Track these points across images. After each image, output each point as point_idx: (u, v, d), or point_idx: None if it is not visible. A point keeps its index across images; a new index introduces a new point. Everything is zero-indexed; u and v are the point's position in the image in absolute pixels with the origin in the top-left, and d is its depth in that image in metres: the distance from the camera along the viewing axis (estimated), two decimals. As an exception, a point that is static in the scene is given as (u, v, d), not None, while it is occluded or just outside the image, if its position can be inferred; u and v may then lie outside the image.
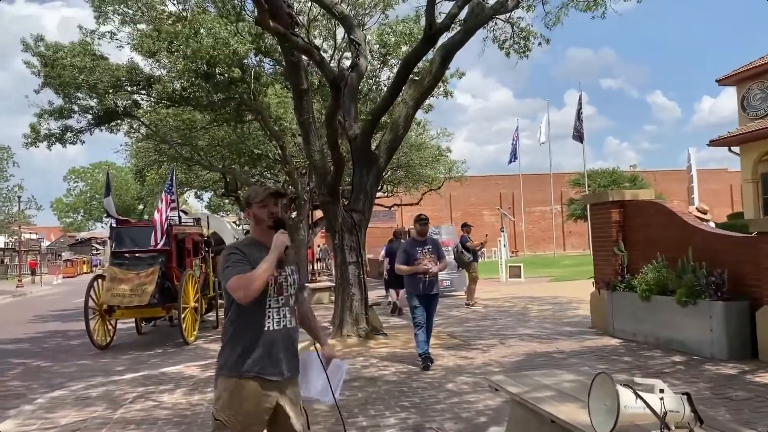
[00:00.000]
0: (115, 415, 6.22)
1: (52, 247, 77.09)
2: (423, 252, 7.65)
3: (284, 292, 3.12)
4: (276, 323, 3.05)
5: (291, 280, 3.16)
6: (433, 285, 7.69)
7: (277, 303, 3.08)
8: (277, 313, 3.07)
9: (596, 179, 41.60)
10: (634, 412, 3.17)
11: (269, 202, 3.14)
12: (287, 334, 3.09)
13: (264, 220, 3.13)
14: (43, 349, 11.91)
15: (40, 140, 17.16)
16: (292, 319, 3.13)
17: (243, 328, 3.05)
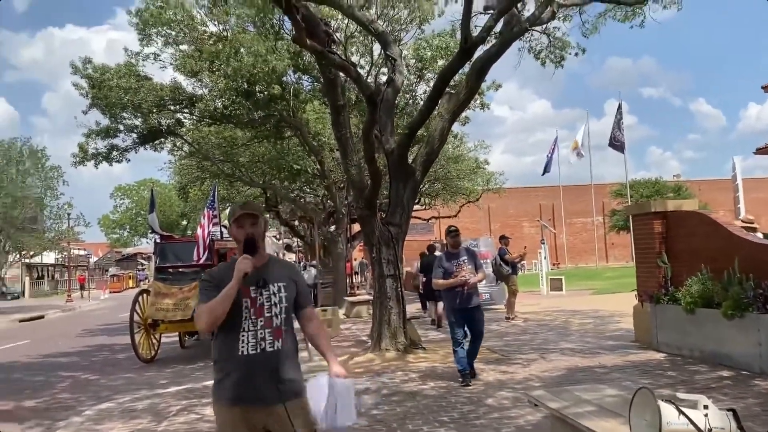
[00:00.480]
0: (159, 428, 6.35)
1: (100, 263, 79.20)
2: (458, 264, 7.49)
3: (265, 312, 2.91)
4: (252, 347, 2.85)
5: (277, 299, 2.95)
6: (470, 298, 7.45)
7: (254, 325, 2.88)
8: (253, 336, 2.87)
9: (639, 189, 40.82)
10: (677, 429, 3.12)
11: (244, 222, 2.97)
12: (269, 358, 2.87)
13: (239, 240, 2.97)
14: (91, 363, 12.25)
15: (88, 159, 17.77)
16: (276, 342, 2.90)
17: (221, 352, 2.91)
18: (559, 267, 45.58)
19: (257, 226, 2.99)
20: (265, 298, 2.92)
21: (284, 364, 2.92)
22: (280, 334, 2.92)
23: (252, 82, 15.62)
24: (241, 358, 2.84)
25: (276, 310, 2.92)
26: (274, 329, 2.90)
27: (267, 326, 2.89)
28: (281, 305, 2.95)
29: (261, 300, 2.91)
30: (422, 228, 39.52)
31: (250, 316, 2.87)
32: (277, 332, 2.91)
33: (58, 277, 58.48)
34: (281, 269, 3.08)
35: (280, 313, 2.94)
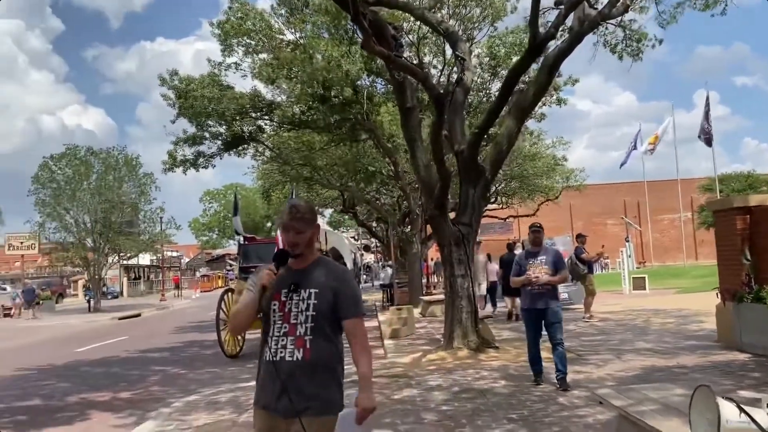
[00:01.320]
0: (240, 419, 6.72)
1: (191, 264, 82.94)
2: (534, 263, 7.20)
3: (291, 319, 2.76)
4: (272, 354, 2.73)
5: (305, 306, 2.77)
6: (540, 298, 7.13)
7: (278, 331, 2.76)
8: (275, 343, 2.75)
9: (729, 184, 38.78)
10: (738, 428, 3.09)
11: (290, 229, 2.82)
12: (284, 369, 2.70)
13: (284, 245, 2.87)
14: (181, 358, 12.98)
15: (177, 166, 18.77)
16: (297, 351, 2.72)
17: (259, 352, 2.89)
18: (645, 265, 43.89)
19: (303, 235, 2.82)
20: (293, 304, 2.77)
21: (305, 377, 2.71)
22: (302, 344, 2.72)
23: (327, 86, 16.04)
24: (266, 364, 2.78)
25: (302, 317, 2.74)
26: (297, 338, 2.73)
27: (290, 334, 2.73)
28: (308, 313, 2.75)
29: (289, 305, 2.77)
30: (500, 227, 39.11)
31: (277, 320, 2.77)
32: (299, 342, 2.72)
33: (152, 277, 61.80)
34: (322, 274, 2.85)
35: (306, 322, 2.74)
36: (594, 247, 16.10)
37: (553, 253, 7.48)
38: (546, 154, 25.16)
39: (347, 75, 15.52)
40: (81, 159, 32.94)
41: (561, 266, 7.28)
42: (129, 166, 34.02)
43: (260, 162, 25.92)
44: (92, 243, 33.14)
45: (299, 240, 2.81)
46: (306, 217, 2.83)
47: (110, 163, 33.43)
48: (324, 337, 2.76)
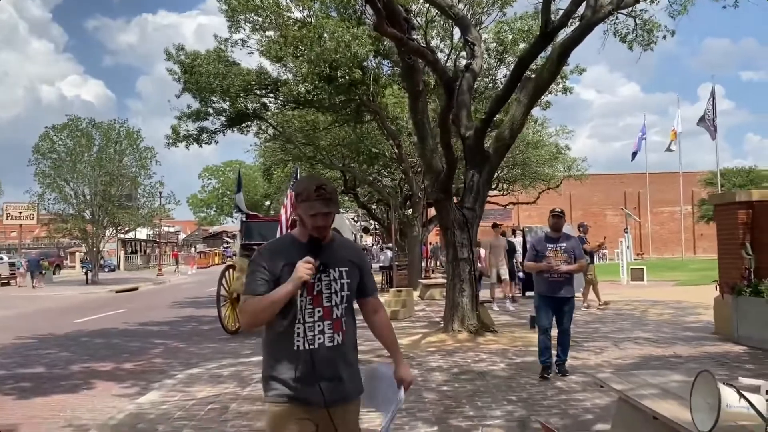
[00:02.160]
0: (243, 393, 6.84)
1: (188, 240, 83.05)
2: (554, 249, 6.91)
3: (324, 302, 2.55)
4: (309, 342, 2.50)
5: (338, 286, 2.58)
6: (560, 286, 6.88)
7: (311, 316, 2.52)
8: (311, 329, 2.51)
9: (731, 178, 38.91)
10: (737, 412, 3.17)
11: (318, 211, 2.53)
12: (329, 356, 2.52)
13: (308, 225, 2.57)
14: (180, 332, 13.09)
15: (180, 140, 18.81)
16: (337, 336, 2.55)
17: (274, 344, 2.57)
18: (643, 257, 44.11)
19: (331, 216, 2.57)
20: (324, 285, 2.54)
21: (344, 361, 2.58)
22: (340, 327, 2.57)
23: (334, 67, 16.02)
24: (297, 354, 2.50)
25: (336, 299, 2.56)
26: (334, 321, 2.55)
27: (326, 317, 2.53)
28: (343, 293, 2.59)
29: (319, 287, 2.53)
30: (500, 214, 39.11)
31: (306, 305, 2.51)
32: (336, 324, 2.56)
33: (149, 252, 61.95)
34: (345, 252, 2.68)
35: (341, 303, 2.58)
36: (595, 237, 16.19)
37: (572, 240, 7.25)
38: (549, 143, 25.20)
39: (356, 56, 15.50)
40: (82, 131, 32.87)
41: (580, 254, 7.08)
42: (130, 139, 33.96)
43: (263, 140, 25.96)
44: (91, 215, 33.17)
45: (328, 223, 2.57)
46: (334, 197, 2.56)
47: (111, 136, 33.37)
48: (352, 316, 2.65)
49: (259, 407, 6.10)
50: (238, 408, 6.12)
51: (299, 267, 2.43)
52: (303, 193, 2.56)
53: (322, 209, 2.52)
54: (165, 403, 6.42)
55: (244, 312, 2.51)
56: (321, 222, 2.53)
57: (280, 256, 2.54)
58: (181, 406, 6.27)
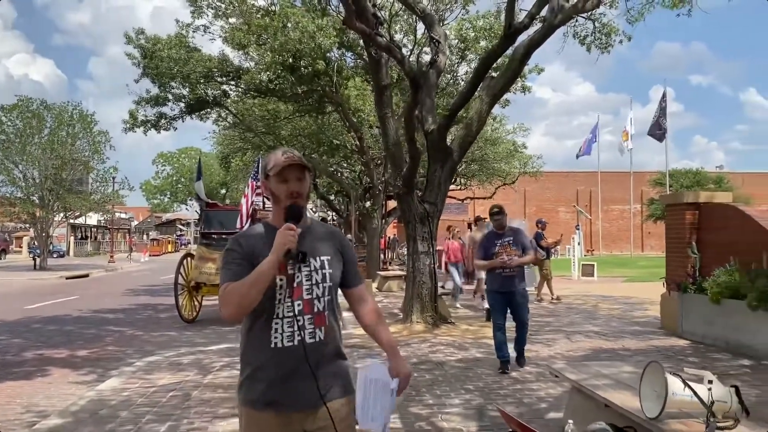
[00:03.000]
0: (205, 380, 6.87)
1: (140, 227, 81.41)
2: (502, 245, 6.93)
3: (304, 294, 2.30)
4: (287, 338, 2.26)
5: (320, 277, 2.34)
6: (513, 280, 6.93)
7: (290, 310, 2.27)
8: (289, 324, 2.26)
9: (679, 179, 40.21)
10: (682, 400, 3.42)
11: (289, 175, 2.31)
12: (309, 351, 2.25)
13: (281, 200, 2.33)
14: (136, 320, 12.94)
15: (138, 126, 18.45)
16: (318, 331, 2.30)
17: (250, 343, 2.33)
18: (593, 254, 45.31)
19: (304, 183, 2.34)
20: (304, 276, 2.30)
21: (328, 357, 2.35)
22: (323, 321, 2.32)
23: (298, 57, 15.97)
24: (275, 351, 2.26)
25: (318, 290, 2.32)
26: (316, 315, 2.30)
27: (306, 311, 2.29)
28: (325, 284, 2.34)
29: (300, 277, 2.29)
30: (457, 208, 39.67)
31: (285, 298, 2.27)
32: (319, 319, 2.31)
33: (100, 238, 60.47)
34: (326, 238, 2.44)
35: (324, 295, 2.33)
36: (551, 234, 16.63)
37: (518, 232, 7.25)
38: (507, 140, 25.65)
39: (320, 47, 15.51)
40: (33, 112, 31.81)
41: (528, 245, 7.15)
42: (84, 122, 33.02)
43: (222, 127, 25.66)
44: (40, 199, 32.20)
45: (303, 189, 2.33)
46: (304, 161, 2.34)
47: (64, 119, 32.40)
48: (335, 309, 2.40)
49: (222, 394, 6.17)
50: (201, 395, 6.16)
51: (280, 233, 2.19)
52: (270, 163, 2.35)
53: (294, 173, 2.31)
54: (126, 390, 6.41)
55: (228, 298, 2.19)
56: (295, 187, 2.31)
57: (257, 243, 2.29)
58: (142, 393, 6.27)
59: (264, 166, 2.39)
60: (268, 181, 2.37)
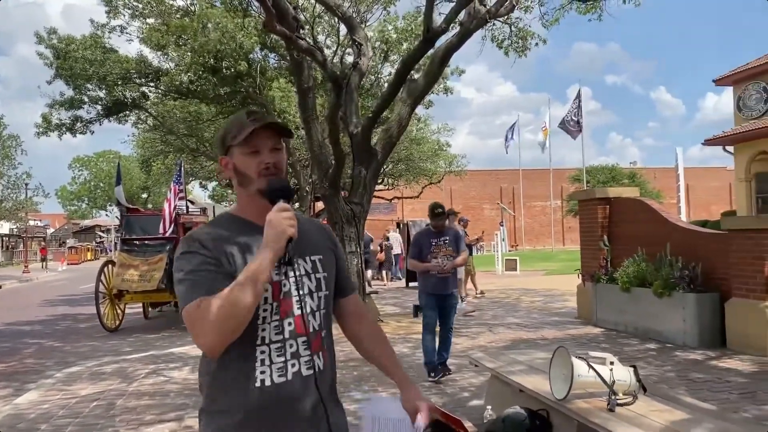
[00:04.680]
0: (129, 388, 6.75)
1: (56, 234, 77.81)
2: (438, 245, 6.62)
3: (294, 308, 1.68)
4: (278, 372, 1.64)
5: (313, 284, 1.73)
6: (447, 283, 6.69)
7: (278, 331, 1.65)
8: (279, 352, 1.65)
9: (596, 175, 42.04)
10: (587, 380, 3.70)
11: (261, 145, 1.68)
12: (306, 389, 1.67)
13: (250, 177, 1.69)
14: (55, 331, 12.46)
15: (52, 130, 17.72)
16: (317, 358, 1.70)
17: (221, 382, 1.66)
18: (517, 249, 46.76)
19: (281, 153, 1.73)
20: (292, 284, 1.69)
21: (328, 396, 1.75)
22: (320, 345, 1.73)
23: (219, 58, 15.79)
24: (260, 393, 1.63)
25: (312, 302, 1.72)
26: (312, 337, 1.69)
27: (300, 332, 1.68)
28: (320, 294, 1.75)
29: (288, 286, 1.68)
30: (385, 208, 40.07)
31: (271, 314, 1.65)
32: (315, 342, 1.71)
33: (12, 247, 57.38)
34: (314, 235, 1.83)
35: (319, 308, 1.74)
36: (473, 230, 17.11)
37: (453, 231, 7.02)
38: (431, 140, 26.16)
39: (241, 47, 15.39)
40: (-65, 115, 29.99)
41: (462, 246, 6.93)
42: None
43: (141, 130, 24.96)
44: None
45: (280, 162, 1.72)
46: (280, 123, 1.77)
47: (-30, 122, 30.72)
48: (331, 328, 1.82)
49: (147, 402, 6.10)
50: (125, 404, 6.06)
51: (275, 218, 1.57)
52: (232, 129, 1.71)
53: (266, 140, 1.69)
54: (45, 403, 6.22)
55: (204, 322, 1.51)
56: (269, 157, 1.69)
57: (228, 242, 1.65)
58: (63, 405, 6.11)
59: (221, 137, 1.75)
60: (230, 156, 1.72)
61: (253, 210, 1.72)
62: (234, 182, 1.75)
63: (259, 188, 1.68)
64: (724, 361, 6.94)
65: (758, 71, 19.37)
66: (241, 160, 1.70)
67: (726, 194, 51.53)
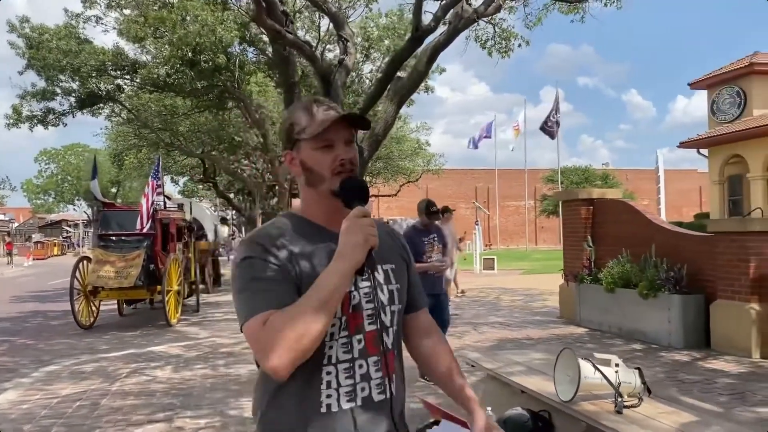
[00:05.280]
0: (112, 388, 6.57)
1: (21, 229, 76.14)
2: (430, 242, 6.43)
3: (366, 324, 1.50)
4: (346, 396, 1.46)
5: (386, 296, 1.55)
6: (440, 281, 6.58)
7: (348, 351, 1.47)
8: (348, 374, 1.47)
9: (569, 176, 42.53)
10: (593, 382, 3.68)
11: (336, 138, 1.50)
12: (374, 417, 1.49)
13: (322, 175, 1.51)
14: (26, 328, 12.13)
15: (22, 121, 17.24)
16: (389, 382, 1.51)
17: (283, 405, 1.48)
18: (491, 248, 47.09)
19: (354, 148, 1.54)
20: (363, 296, 1.51)
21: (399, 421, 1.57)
22: (393, 366, 1.54)
23: (197, 51, 15.53)
24: (328, 419, 1.45)
25: (386, 318, 1.54)
26: (384, 356, 1.52)
27: (371, 351, 1.50)
28: (393, 308, 1.57)
29: (357, 298, 1.50)
30: (361, 205, 40.00)
31: (340, 330, 1.47)
32: (389, 362, 1.53)
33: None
34: (384, 239, 1.58)
35: (392, 324, 1.56)
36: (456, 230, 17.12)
37: (439, 230, 6.77)
38: (411, 138, 26.16)
39: (220, 41, 15.16)
40: None
41: (447, 243, 6.82)
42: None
43: (115, 123, 24.47)
44: None
45: (355, 158, 1.54)
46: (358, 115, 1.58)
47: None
48: (401, 348, 1.64)
49: (133, 401, 5.94)
50: (110, 403, 5.90)
51: (355, 225, 1.40)
52: (300, 120, 1.53)
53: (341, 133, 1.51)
54: (25, 403, 6.03)
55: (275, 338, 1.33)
56: (345, 153, 1.51)
57: (291, 246, 1.47)
58: (45, 405, 5.92)
59: (287, 129, 1.56)
60: (296, 150, 1.54)
61: (321, 212, 1.55)
62: (300, 180, 1.58)
63: (331, 188, 1.50)
64: (710, 362, 7.02)
65: (732, 76, 19.77)
66: (311, 156, 1.52)
67: (696, 196, 52.64)
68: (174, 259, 12.24)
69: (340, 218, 1.43)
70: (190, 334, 10.63)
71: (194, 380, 6.85)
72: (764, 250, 7.17)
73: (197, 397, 6.07)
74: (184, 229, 14.42)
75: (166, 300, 11.51)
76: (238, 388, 6.38)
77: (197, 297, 14.42)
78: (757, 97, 19.16)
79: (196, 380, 6.83)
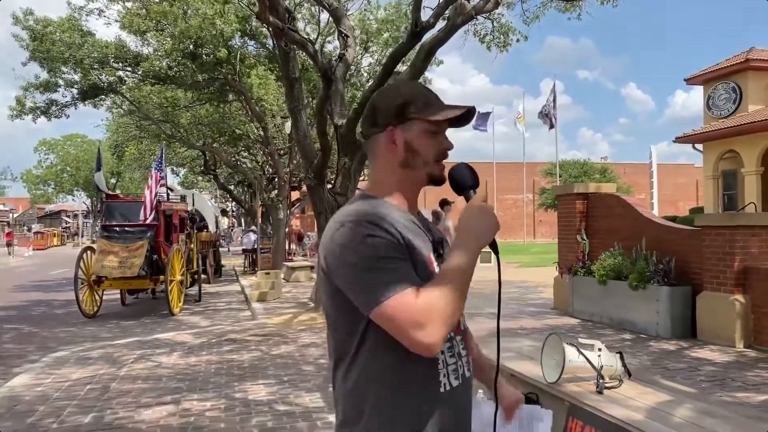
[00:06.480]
0: (121, 372, 6.83)
1: (20, 219, 76.28)
2: None
3: None
4: (453, 374, 1.49)
5: None
6: None
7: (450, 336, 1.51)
8: (450, 353, 1.50)
9: (568, 170, 42.67)
10: (577, 365, 3.94)
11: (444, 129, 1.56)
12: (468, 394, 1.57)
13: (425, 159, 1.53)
14: (31, 317, 12.38)
15: (26, 113, 17.45)
16: (469, 359, 1.60)
17: (402, 389, 1.44)
18: (489, 241, 47.27)
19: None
20: None
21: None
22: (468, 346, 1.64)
23: (199, 44, 15.75)
24: (447, 398, 1.47)
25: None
26: (464, 335, 1.62)
27: (456, 331, 1.56)
28: None
29: None
30: (359, 198, 40.19)
31: None
32: (467, 340, 1.64)
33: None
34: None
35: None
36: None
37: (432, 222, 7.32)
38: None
39: (221, 34, 15.37)
40: None
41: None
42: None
43: (116, 115, 24.68)
44: None
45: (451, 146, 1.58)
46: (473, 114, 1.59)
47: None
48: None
49: (141, 385, 6.19)
50: (120, 387, 6.16)
51: (488, 209, 1.47)
52: (418, 100, 1.52)
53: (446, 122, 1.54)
54: (39, 386, 6.28)
55: (431, 313, 1.34)
56: (449, 144, 1.56)
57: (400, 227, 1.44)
58: (57, 388, 6.18)
59: (400, 105, 1.50)
60: (403, 129, 1.51)
61: (403, 196, 1.54)
62: (391, 159, 1.52)
63: (432, 173, 1.53)
64: (695, 351, 7.29)
65: (728, 71, 19.95)
66: (419, 138, 1.50)
67: (693, 191, 52.87)
68: (177, 249, 12.49)
69: (416, 203, 1.53)
70: (193, 323, 10.90)
71: (199, 366, 7.11)
72: (748, 244, 7.43)
73: (203, 381, 6.33)
74: (186, 220, 14.67)
75: (170, 289, 11.78)
76: (241, 373, 6.64)
77: (199, 287, 14.69)
78: (752, 93, 19.34)
79: (201, 366, 7.09)
